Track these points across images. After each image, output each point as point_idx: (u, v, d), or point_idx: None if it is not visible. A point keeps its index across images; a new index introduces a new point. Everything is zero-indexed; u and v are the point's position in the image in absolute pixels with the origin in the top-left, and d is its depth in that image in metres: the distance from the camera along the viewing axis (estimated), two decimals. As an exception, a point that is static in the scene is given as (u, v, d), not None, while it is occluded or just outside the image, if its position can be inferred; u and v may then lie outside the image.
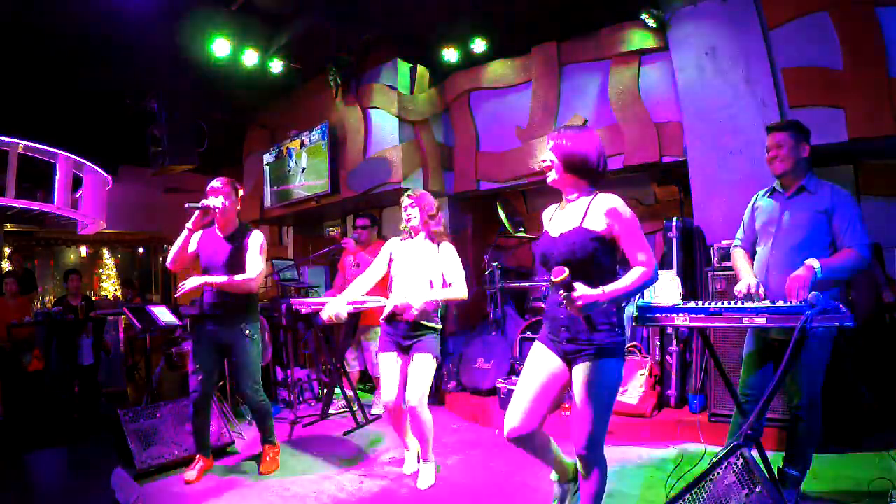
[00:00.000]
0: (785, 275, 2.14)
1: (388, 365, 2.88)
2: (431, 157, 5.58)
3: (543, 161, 2.00)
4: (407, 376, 2.84)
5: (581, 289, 1.72)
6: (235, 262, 3.00)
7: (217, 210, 2.97)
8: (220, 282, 2.92)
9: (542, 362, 1.99)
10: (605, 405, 1.87)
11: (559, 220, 2.01)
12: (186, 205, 2.94)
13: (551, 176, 1.98)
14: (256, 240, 3.07)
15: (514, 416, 1.98)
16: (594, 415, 1.85)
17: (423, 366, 2.79)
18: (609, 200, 1.89)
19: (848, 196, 2.27)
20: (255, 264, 3.00)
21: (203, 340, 3.04)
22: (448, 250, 2.95)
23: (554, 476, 2.24)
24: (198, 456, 3.13)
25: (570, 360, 1.92)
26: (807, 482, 2.35)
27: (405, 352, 2.87)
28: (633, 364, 3.65)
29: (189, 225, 2.93)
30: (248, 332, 3.02)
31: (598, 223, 1.87)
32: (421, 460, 2.99)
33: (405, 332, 2.85)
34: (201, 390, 3.01)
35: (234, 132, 7.42)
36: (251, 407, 3.15)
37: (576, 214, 1.93)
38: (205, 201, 2.95)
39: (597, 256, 1.86)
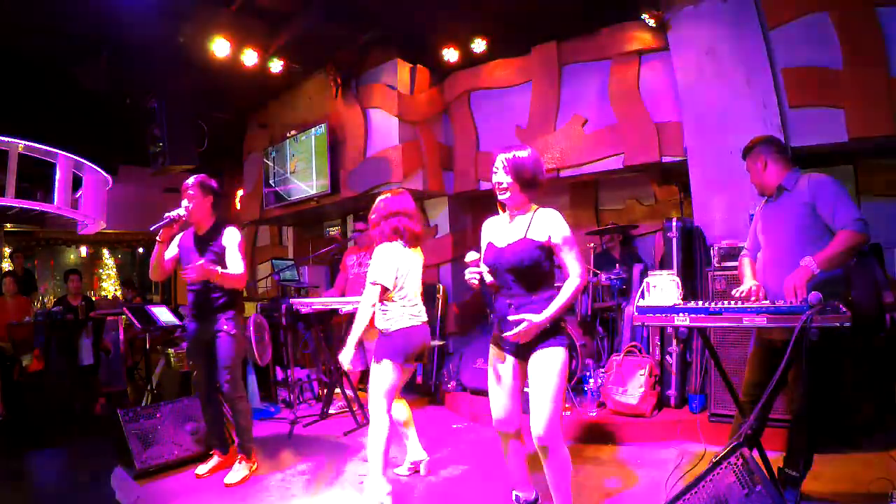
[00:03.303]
0: (782, 276, 2.14)
1: None
2: (431, 157, 5.57)
3: (500, 184, 2.18)
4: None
5: (526, 322, 1.99)
6: (209, 261, 2.96)
7: (182, 217, 2.95)
8: (213, 270, 2.85)
9: (497, 364, 2.21)
10: (556, 389, 2.03)
11: (504, 232, 2.22)
12: (151, 227, 2.92)
13: (505, 195, 2.18)
14: (233, 238, 3.03)
15: (495, 413, 2.23)
16: (545, 399, 2.01)
17: (371, 370, 2.78)
18: (549, 214, 2.16)
19: (825, 180, 2.28)
20: (236, 262, 2.99)
21: (190, 338, 3.11)
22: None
23: (515, 495, 2.35)
24: (213, 452, 3.16)
25: (522, 354, 2.13)
26: (807, 482, 2.35)
27: None
28: (633, 364, 3.65)
29: (158, 238, 2.94)
30: (225, 327, 2.98)
31: (540, 234, 2.11)
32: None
33: None
34: (199, 384, 3.08)
35: (234, 132, 7.42)
36: (226, 401, 3.07)
37: (520, 227, 2.17)
38: (169, 214, 2.92)
39: (540, 263, 2.10)
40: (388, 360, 2.69)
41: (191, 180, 3.07)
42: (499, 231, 2.25)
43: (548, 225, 2.12)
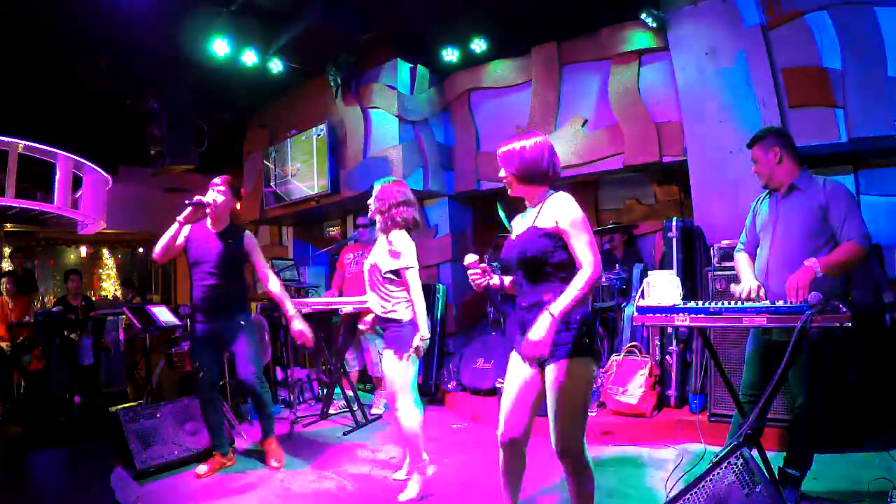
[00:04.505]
0: (784, 275, 2.14)
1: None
2: (431, 157, 5.58)
3: (503, 179, 2.05)
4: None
5: (533, 332, 1.77)
6: (228, 260, 3.06)
7: (210, 206, 3.03)
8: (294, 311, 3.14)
9: (514, 371, 2.02)
10: (577, 405, 1.87)
11: (519, 225, 2.08)
12: (186, 201, 2.98)
13: (510, 190, 2.06)
14: (255, 244, 3.21)
15: (501, 422, 2.04)
16: (565, 415, 1.86)
17: (386, 362, 2.76)
18: (558, 198, 1.95)
19: (841, 187, 2.26)
20: (266, 269, 3.21)
21: (200, 338, 3.08)
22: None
23: None
24: (214, 452, 3.17)
25: (541, 364, 1.92)
26: (807, 482, 2.35)
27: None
28: (633, 364, 3.65)
29: (180, 218, 2.97)
30: (243, 322, 3.10)
31: (547, 220, 1.92)
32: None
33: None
34: (206, 386, 3.07)
35: (234, 132, 7.42)
36: (256, 395, 3.16)
37: (531, 217, 2.01)
38: (200, 197, 3.00)
39: (547, 253, 1.89)
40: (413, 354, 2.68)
41: (218, 179, 3.13)
42: (516, 225, 2.10)
43: (555, 209, 1.92)
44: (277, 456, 3.23)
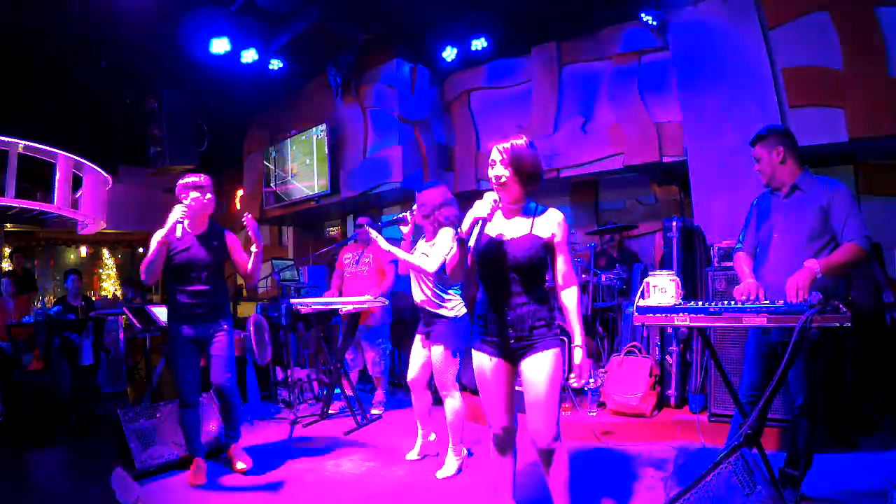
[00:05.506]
0: (785, 276, 2.14)
1: (415, 347, 3.09)
2: (431, 157, 5.58)
3: (499, 178, 2.03)
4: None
5: (578, 358, 2.00)
6: (214, 264, 3.00)
7: (187, 213, 2.86)
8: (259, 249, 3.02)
9: (484, 367, 2.08)
10: (557, 392, 1.99)
11: (502, 226, 2.07)
12: (180, 218, 2.79)
13: (503, 190, 2.04)
14: (237, 242, 3.15)
15: (490, 416, 2.13)
16: (552, 402, 1.95)
17: (436, 356, 2.92)
18: (556, 213, 2.07)
19: (843, 189, 2.26)
20: (247, 266, 3.12)
21: (184, 345, 2.95)
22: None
23: None
24: (196, 459, 3.03)
25: (517, 357, 2.02)
26: (807, 482, 2.35)
27: (427, 337, 3.00)
28: (633, 364, 3.65)
29: (159, 238, 2.80)
30: (225, 326, 3.03)
31: (545, 231, 2.02)
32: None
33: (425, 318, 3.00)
34: (191, 393, 2.97)
35: (234, 132, 7.43)
36: (227, 397, 3.06)
37: (522, 223, 2.05)
38: (182, 210, 2.83)
39: (545, 262, 2.04)
40: (459, 349, 2.85)
41: (202, 178, 3.02)
42: (495, 224, 2.08)
43: (554, 223, 2.02)
44: (244, 458, 3.12)
